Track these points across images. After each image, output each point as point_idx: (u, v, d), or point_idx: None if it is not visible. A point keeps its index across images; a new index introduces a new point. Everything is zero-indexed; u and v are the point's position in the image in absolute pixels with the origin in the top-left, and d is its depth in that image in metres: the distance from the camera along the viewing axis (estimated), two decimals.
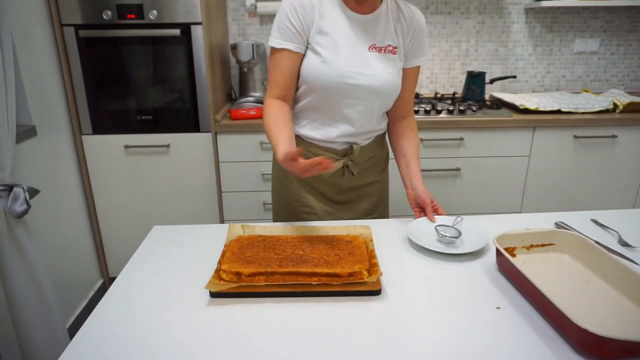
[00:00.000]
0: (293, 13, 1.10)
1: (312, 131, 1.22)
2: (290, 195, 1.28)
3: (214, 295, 0.88)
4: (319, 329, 0.78)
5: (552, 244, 1.03)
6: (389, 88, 1.17)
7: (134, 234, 2.16)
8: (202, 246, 1.07)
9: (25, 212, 1.35)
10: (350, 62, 1.12)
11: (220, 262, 0.94)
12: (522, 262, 0.98)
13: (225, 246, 1.01)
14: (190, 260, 1.01)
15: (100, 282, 2.23)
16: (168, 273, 0.97)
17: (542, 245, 1.03)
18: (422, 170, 1.72)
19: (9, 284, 1.35)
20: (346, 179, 1.26)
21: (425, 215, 1.17)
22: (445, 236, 1.06)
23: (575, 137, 2.12)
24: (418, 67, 1.24)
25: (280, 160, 0.99)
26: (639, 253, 1.05)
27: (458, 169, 2.13)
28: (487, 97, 2.46)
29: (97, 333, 0.78)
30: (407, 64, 1.21)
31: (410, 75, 1.23)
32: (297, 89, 1.20)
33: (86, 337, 0.78)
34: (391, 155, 1.34)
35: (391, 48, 1.17)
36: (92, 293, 2.13)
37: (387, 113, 1.30)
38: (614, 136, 2.12)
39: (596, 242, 1.09)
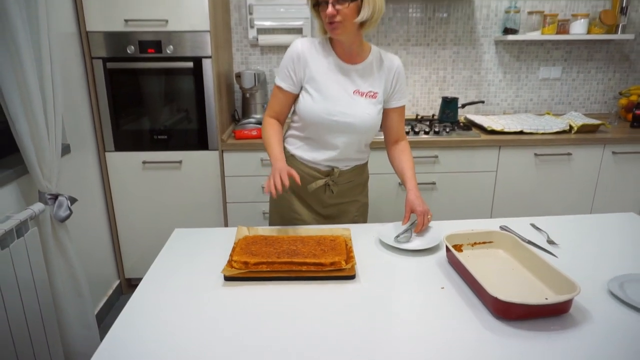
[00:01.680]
0: (291, 62, 1.43)
1: (303, 153, 1.52)
2: (285, 204, 1.57)
3: (227, 279, 1.16)
4: (308, 304, 1.06)
5: (492, 242, 1.31)
6: (366, 126, 1.45)
7: (149, 240, 2.44)
8: (216, 244, 1.35)
9: (68, 217, 1.63)
10: (335, 103, 1.41)
11: (231, 255, 1.22)
12: (467, 255, 1.27)
13: (234, 243, 1.30)
14: (207, 254, 1.30)
15: (117, 282, 2.50)
16: (190, 263, 1.25)
17: (484, 243, 1.31)
18: (402, 184, 2.03)
19: (53, 277, 1.62)
20: (327, 195, 1.55)
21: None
22: (398, 235, 1.35)
23: (535, 154, 2.42)
24: (402, 106, 1.53)
25: (278, 167, 1.33)
26: (560, 249, 1.34)
27: (434, 183, 2.43)
28: (462, 118, 2.78)
29: (143, 301, 1.07)
30: (393, 105, 1.50)
31: (397, 112, 1.52)
32: (294, 121, 1.52)
33: (133, 306, 1.06)
34: (374, 170, 1.64)
35: (372, 93, 1.45)
36: (110, 291, 2.40)
37: (385, 139, 1.59)
38: (569, 154, 2.43)
39: (528, 241, 1.38)
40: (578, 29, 2.67)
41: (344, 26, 1.32)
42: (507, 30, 2.73)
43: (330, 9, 1.29)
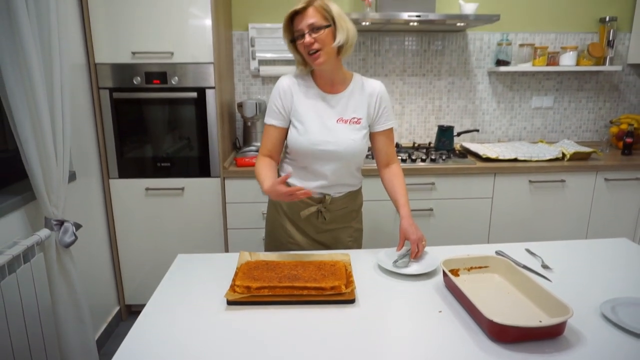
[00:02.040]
0: (278, 98, 1.50)
1: (296, 181, 1.57)
2: (280, 230, 1.62)
3: (230, 303, 1.19)
4: (309, 328, 1.09)
5: (487, 267, 1.35)
6: (351, 152, 1.50)
7: (150, 266, 2.46)
8: (218, 269, 1.38)
9: (73, 242, 1.67)
10: (319, 133, 1.47)
11: (234, 279, 1.26)
12: (463, 280, 1.30)
13: (237, 268, 1.33)
14: (210, 280, 1.33)
15: (117, 308, 2.50)
16: (193, 288, 1.28)
17: (480, 267, 1.35)
18: None
19: (56, 302, 1.64)
20: (320, 221, 1.59)
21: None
22: (396, 261, 1.38)
23: (530, 181, 2.48)
24: (389, 129, 1.57)
25: (266, 189, 1.37)
26: (554, 273, 1.37)
27: (431, 209, 2.47)
28: (458, 146, 2.85)
29: (147, 326, 1.09)
30: (379, 128, 1.54)
31: (384, 135, 1.56)
32: (287, 152, 1.57)
33: (141, 326, 1.09)
34: (371, 197, 1.68)
35: (356, 119, 1.50)
36: (110, 318, 2.40)
37: (376, 162, 1.62)
38: (563, 180, 2.49)
39: (523, 266, 1.42)
40: (567, 61, 2.77)
41: (324, 53, 1.38)
42: (499, 62, 2.84)
43: (307, 38, 1.36)
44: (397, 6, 2.49)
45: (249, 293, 1.20)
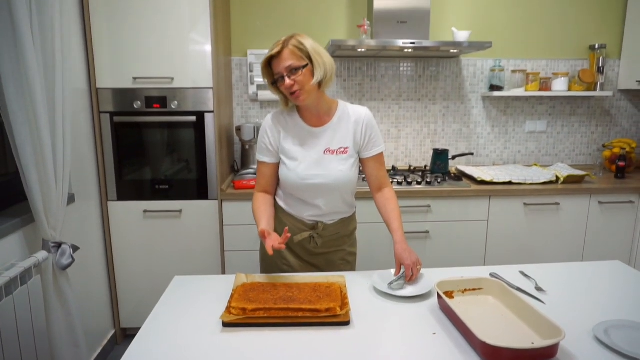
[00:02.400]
0: (265, 136, 1.54)
1: (290, 209, 1.60)
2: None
3: (225, 325, 1.20)
4: (304, 350, 1.09)
5: (481, 289, 1.36)
6: (340, 182, 1.52)
7: (146, 289, 2.45)
8: (214, 291, 1.39)
9: (70, 265, 1.68)
10: (307, 168, 1.49)
11: (230, 301, 1.26)
12: (458, 302, 1.31)
13: (233, 290, 1.34)
14: (206, 301, 1.33)
15: (112, 332, 2.48)
16: (189, 310, 1.29)
17: (474, 290, 1.36)
18: None
19: (51, 325, 1.64)
20: (312, 246, 1.61)
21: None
22: (391, 283, 1.40)
23: (525, 204, 2.51)
24: (379, 154, 1.58)
25: (258, 233, 1.41)
26: (548, 295, 1.38)
27: (427, 232, 2.49)
28: (453, 169, 2.88)
29: (142, 348, 1.10)
30: (368, 154, 1.56)
31: (374, 161, 1.57)
32: (280, 185, 1.61)
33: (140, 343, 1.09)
34: (365, 220, 1.70)
35: (343, 149, 1.51)
36: (105, 341, 2.38)
37: (369, 186, 1.64)
38: (557, 203, 2.51)
39: (517, 288, 1.43)
40: (559, 86, 2.84)
41: (305, 92, 1.41)
42: (492, 87, 2.90)
43: (287, 81, 1.39)
44: (392, 34, 2.57)
45: (245, 315, 1.20)
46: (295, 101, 1.45)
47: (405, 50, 2.54)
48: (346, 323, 1.21)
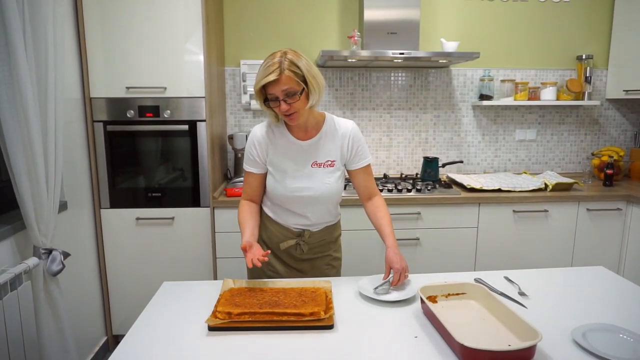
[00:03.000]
0: (253, 147, 1.54)
1: (277, 217, 1.63)
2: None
3: (211, 329, 1.22)
4: (288, 353, 1.11)
5: (465, 293, 1.38)
6: (327, 195, 1.55)
7: (139, 296, 2.46)
8: (202, 296, 1.41)
9: (60, 271, 1.69)
10: (295, 181, 1.52)
11: (216, 306, 1.28)
12: (441, 306, 1.33)
13: (220, 295, 1.36)
14: (193, 306, 1.35)
15: (105, 339, 2.48)
16: (176, 314, 1.31)
17: (457, 294, 1.38)
18: None
19: (41, 331, 1.65)
20: (298, 252, 1.64)
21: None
22: (377, 287, 1.42)
23: (514, 211, 2.53)
24: (366, 166, 1.60)
25: (241, 247, 1.42)
26: (530, 300, 1.40)
27: (418, 239, 2.51)
28: (444, 177, 2.92)
29: (128, 353, 1.12)
30: (355, 167, 1.59)
31: (361, 172, 1.60)
32: (267, 195, 1.63)
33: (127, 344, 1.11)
34: (351, 227, 1.72)
35: (330, 162, 1.54)
36: (97, 348, 2.38)
37: (359, 196, 1.66)
38: (546, 210, 2.54)
39: (501, 293, 1.45)
40: (548, 96, 2.88)
41: (299, 114, 1.43)
42: (482, 97, 2.95)
43: (283, 105, 1.39)
44: (382, 44, 2.61)
45: (230, 319, 1.22)
46: (289, 122, 1.46)
47: (396, 61, 2.59)
48: (330, 327, 1.23)
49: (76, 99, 2.24)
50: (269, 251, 1.41)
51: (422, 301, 1.29)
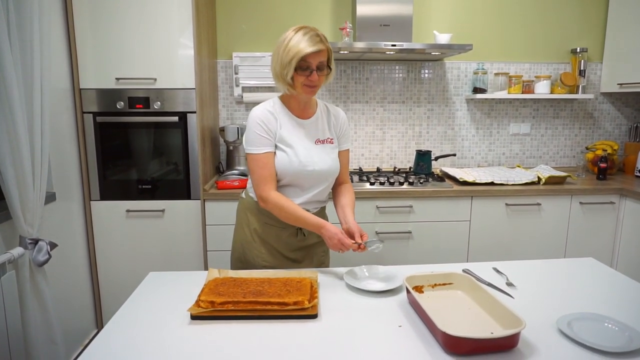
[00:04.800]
0: (261, 126, 1.50)
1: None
2: (253, 252, 1.64)
3: (193, 317, 1.20)
4: (270, 342, 1.10)
5: (452, 283, 1.37)
6: (332, 170, 1.61)
7: (130, 289, 2.43)
8: (187, 286, 1.40)
9: (46, 261, 1.68)
10: (306, 155, 1.54)
11: (199, 295, 1.27)
12: (426, 296, 1.32)
13: (204, 285, 1.35)
14: (177, 296, 1.34)
15: (95, 332, 2.48)
16: (160, 304, 1.30)
17: (444, 284, 1.37)
18: (380, 233, 2.11)
19: (26, 321, 1.64)
20: (298, 239, 1.64)
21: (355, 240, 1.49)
22: (368, 242, 1.46)
23: (507, 204, 2.52)
24: (346, 150, 1.68)
25: (334, 231, 1.45)
26: (517, 290, 1.39)
27: (410, 232, 2.50)
28: (438, 171, 2.90)
29: (108, 341, 1.11)
30: (340, 148, 1.66)
31: (343, 155, 1.67)
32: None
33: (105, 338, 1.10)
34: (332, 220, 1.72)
35: (330, 139, 1.62)
36: (87, 340, 2.37)
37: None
38: (539, 204, 2.53)
39: (488, 283, 1.44)
40: (542, 89, 2.87)
41: (317, 87, 1.51)
42: (476, 90, 2.93)
43: (315, 75, 1.45)
44: (375, 37, 2.60)
45: (213, 307, 1.21)
46: (307, 93, 1.49)
47: (388, 53, 2.57)
48: (314, 316, 1.22)
49: (65, 90, 2.22)
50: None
51: (408, 291, 1.28)
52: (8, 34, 1.51)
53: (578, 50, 2.94)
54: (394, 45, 2.42)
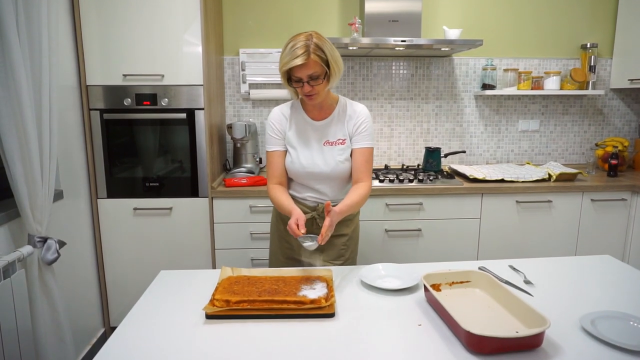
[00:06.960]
0: (274, 127, 1.63)
1: (294, 192, 1.68)
2: (282, 239, 1.72)
3: (208, 317, 1.18)
4: (287, 341, 1.08)
5: (469, 281, 1.35)
6: (338, 172, 1.62)
7: (137, 287, 2.42)
8: (200, 285, 1.38)
9: (55, 260, 1.66)
10: (307, 156, 1.60)
11: (214, 294, 1.25)
12: (445, 294, 1.30)
13: (218, 283, 1.33)
14: (190, 294, 1.32)
15: (102, 331, 2.46)
16: (173, 302, 1.27)
17: (461, 282, 1.35)
18: (388, 231, 2.06)
19: (36, 320, 1.62)
20: (314, 228, 1.65)
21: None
22: (307, 236, 1.40)
23: (517, 202, 2.50)
24: (366, 149, 1.61)
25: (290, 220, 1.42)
26: (536, 288, 1.37)
27: (419, 230, 2.48)
28: (446, 168, 2.88)
29: (123, 340, 1.08)
30: (355, 146, 1.61)
31: (359, 153, 1.61)
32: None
33: (119, 337, 1.07)
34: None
35: (340, 141, 1.61)
36: (94, 340, 2.35)
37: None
38: (550, 201, 2.50)
39: (505, 281, 1.42)
40: (551, 85, 2.84)
41: (318, 95, 1.52)
42: (485, 86, 2.90)
43: (307, 87, 1.47)
44: (384, 33, 2.57)
45: (228, 306, 1.19)
46: (309, 101, 1.54)
47: (397, 49, 2.54)
48: (331, 315, 1.19)
49: (72, 87, 2.20)
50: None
51: (426, 289, 1.26)
52: (17, 30, 1.49)
53: (588, 46, 2.90)
54: (404, 41, 2.39)
